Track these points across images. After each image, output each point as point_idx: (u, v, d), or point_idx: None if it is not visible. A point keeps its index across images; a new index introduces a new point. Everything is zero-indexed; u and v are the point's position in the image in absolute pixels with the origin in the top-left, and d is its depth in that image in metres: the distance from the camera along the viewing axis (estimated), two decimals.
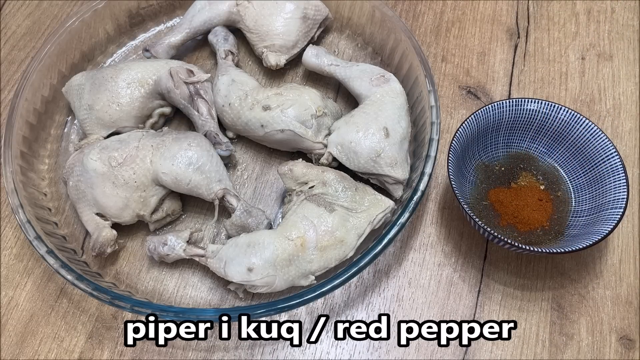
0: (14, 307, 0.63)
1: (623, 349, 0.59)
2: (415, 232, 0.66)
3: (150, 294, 0.63)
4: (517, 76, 0.76)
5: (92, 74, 0.70)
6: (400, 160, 0.63)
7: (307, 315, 0.62)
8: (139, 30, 0.81)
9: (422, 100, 0.67)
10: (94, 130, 0.69)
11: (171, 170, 0.62)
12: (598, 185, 0.62)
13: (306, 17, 0.74)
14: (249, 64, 0.78)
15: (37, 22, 0.83)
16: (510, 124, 0.66)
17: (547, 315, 0.61)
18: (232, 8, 0.75)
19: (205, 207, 0.68)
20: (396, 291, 0.63)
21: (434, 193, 0.69)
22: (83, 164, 0.63)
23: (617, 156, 0.60)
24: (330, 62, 0.71)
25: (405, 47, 0.70)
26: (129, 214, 0.63)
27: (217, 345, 0.60)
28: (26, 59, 0.80)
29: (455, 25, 0.80)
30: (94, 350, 0.60)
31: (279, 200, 0.68)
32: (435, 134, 0.63)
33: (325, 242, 0.58)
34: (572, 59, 0.77)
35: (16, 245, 0.67)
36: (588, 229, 0.59)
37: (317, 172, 0.62)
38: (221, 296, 0.62)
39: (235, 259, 0.58)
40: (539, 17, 0.81)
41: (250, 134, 0.68)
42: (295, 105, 0.65)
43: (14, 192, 0.62)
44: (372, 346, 0.60)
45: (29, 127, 0.69)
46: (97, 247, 0.62)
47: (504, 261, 0.64)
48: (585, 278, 0.63)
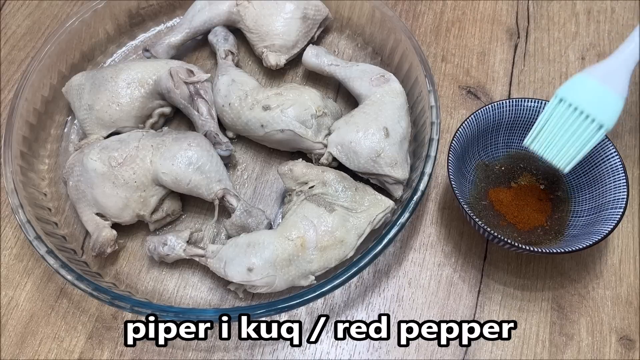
0: (14, 307, 0.63)
1: (623, 349, 0.59)
2: (415, 232, 0.66)
3: (150, 294, 0.63)
4: (517, 76, 0.76)
5: (92, 74, 0.70)
6: (400, 160, 0.63)
7: (307, 315, 0.62)
8: (139, 30, 0.81)
9: (422, 100, 0.67)
10: (94, 130, 0.69)
11: (171, 170, 0.62)
12: (598, 185, 0.62)
13: (306, 17, 0.74)
14: (249, 64, 0.78)
15: (37, 22, 0.83)
16: (510, 123, 0.66)
17: (547, 315, 0.61)
18: (232, 8, 0.75)
19: (205, 207, 0.68)
20: (396, 291, 0.63)
21: (434, 193, 0.69)
22: (83, 164, 0.63)
23: (617, 156, 0.60)
24: (330, 62, 0.71)
25: (405, 47, 0.70)
26: (129, 214, 0.63)
27: (217, 345, 0.60)
28: (26, 59, 0.80)
29: (455, 25, 0.80)
30: (94, 350, 0.60)
31: (279, 200, 0.68)
32: (435, 134, 0.63)
33: (325, 242, 0.58)
34: (572, 59, 0.77)
35: (16, 245, 0.67)
36: (588, 229, 0.59)
37: (317, 172, 0.62)
38: (221, 296, 0.63)
39: (235, 259, 0.58)
40: (539, 17, 0.81)
41: (250, 134, 0.68)
42: (295, 105, 0.65)
43: (14, 192, 0.62)
44: (372, 346, 0.60)
45: (29, 127, 0.69)
46: (97, 247, 0.62)
47: (504, 261, 0.64)
48: (585, 278, 0.63)
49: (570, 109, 0.55)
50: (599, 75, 0.55)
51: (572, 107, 0.55)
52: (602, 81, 0.54)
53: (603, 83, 0.54)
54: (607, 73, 0.55)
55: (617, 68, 0.55)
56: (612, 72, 0.55)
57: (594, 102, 0.54)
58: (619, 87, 0.54)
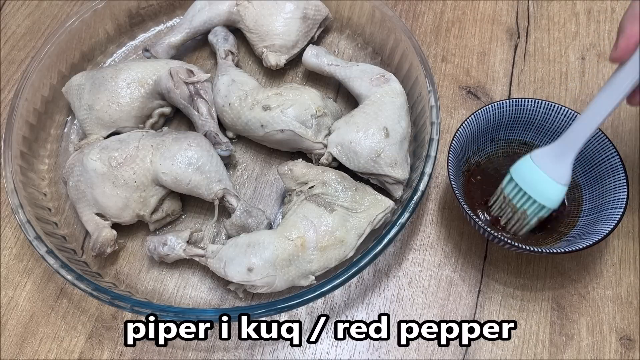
0: (14, 307, 0.63)
1: (623, 349, 0.59)
2: (415, 232, 0.66)
3: (150, 294, 0.63)
4: (517, 76, 0.76)
5: (92, 74, 0.70)
6: (400, 160, 0.63)
7: (307, 315, 0.62)
8: (139, 30, 0.81)
9: (422, 100, 0.67)
10: (94, 130, 0.69)
11: (171, 170, 0.62)
12: (598, 185, 0.62)
13: (306, 17, 0.74)
14: (249, 64, 0.78)
15: (37, 22, 0.83)
16: (510, 123, 0.66)
17: (547, 315, 0.61)
18: (232, 8, 0.75)
19: (205, 207, 0.68)
20: (396, 291, 0.63)
21: (434, 193, 0.69)
22: (83, 164, 0.63)
23: (617, 156, 0.60)
24: (330, 62, 0.71)
25: (405, 47, 0.70)
26: (129, 214, 0.63)
27: (217, 345, 0.60)
28: (26, 59, 0.80)
29: (455, 25, 0.80)
30: (94, 350, 0.60)
31: (279, 200, 0.68)
32: (435, 134, 0.63)
33: (325, 242, 0.58)
34: (572, 59, 0.77)
35: (16, 245, 0.67)
36: (588, 229, 0.59)
37: (317, 172, 0.62)
38: (221, 296, 0.63)
39: (235, 259, 0.58)
40: (539, 17, 0.81)
41: (250, 134, 0.68)
42: (295, 105, 0.65)
43: (14, 192, 0.62)
44: (372, 346, 0.60)
45: (28, 127, 0.69)
46: (97, 247, 0.62)
47: (504, 261, 0.64)
48: (585, 278, 0.63)
49: (518, 187, 0.59)
50: (544, 160, 0.58)
51: (519, 186, 0.59)
52: (546, 167, 0.57)
53: (546, 169, 0.57)
54: (552, 158, 0.57)
55: (561, 154, 0.57)
56: (556, 157, 0.57)
57: (536, 187, 0.58)
58: (561, 176, 0.57)
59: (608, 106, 0.52)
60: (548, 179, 0.57)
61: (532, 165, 0.58)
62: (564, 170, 0.57)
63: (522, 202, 0.59)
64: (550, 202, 0.57)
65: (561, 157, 0.57)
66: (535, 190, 0.58)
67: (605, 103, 0.53)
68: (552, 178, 0.57)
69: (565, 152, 0.56)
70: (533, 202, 0.58)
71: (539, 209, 0.58)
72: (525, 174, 0.58)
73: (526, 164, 0.59)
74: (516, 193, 0.59)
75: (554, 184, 0.57)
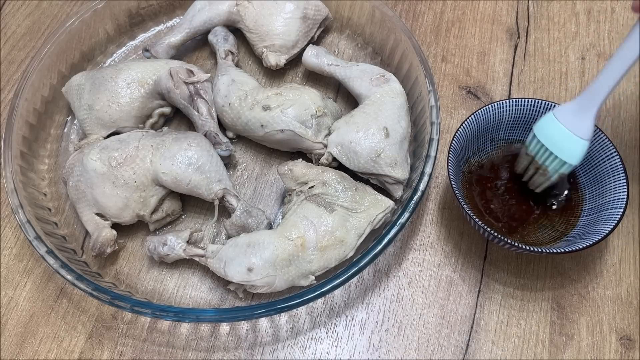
0: (14, 307, 0.63)
1: (623, 349, 0.59)
2: (415, 232, 0.66)
3: (150, 294, 0.63)
4: (517, 76, 0.76)
5: (92, 74, 0.70)
6: (400, 160, 0.63)
7: (307, 315, 0.62)
8: (139, 30, 0.81)
9: (422, 100, 0.67)
10: (94, 130, 0.69)
11: (171, 170, 0.62)
12: (598, 185, 0.62)
13: (306, 17, 0.74)
14: (249, 64, 0.78)
15: (37, 22, 0.83)
16: (510, 123, 0.66)
17: (547, 315, 0.61)
18: (232, 8, 0.75)
19: (205, 207, 0.68)
20: (396, 291, 0.63)
21: (434, 193, 0.69)
22: (83, 164, 0.63)
23: (617, 156, 0.60)
24: (330, 62, 0.71)
25: (405, 47, 0.70)
26: (128, 214, 0.63)
27: (217, 345, 0.60)
28: (26, 59, 0.80)
29: (455, 25, 0.80)
30: (94, 350, 0.60)
31: (279, 200, 0.68)
32: (435, 134, 0.63)
33: (325, 242, 0.58)
34: (572, 59, 0.77)
35: (16, 245, 0.67)
36: (588, 229, 0.59)
37: (317, 172, 0.62)
38: (221, 296, 0.63)
39: (235, 259, 0.58)
40: (539, 17, 0.81)
41: (250, 134, 0.68)
42: (295, 105, 0.65)
43: (14, 192, 0.62)
44: (372, 346, 0.60)
45: (28, 127, 0.69)
46: (97, 247, 0.62)
47: (504, 261, 0.64)
48: (585, 278, 0.63)
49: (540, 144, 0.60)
50: (566, 116, 0.58)
51: (541, 143, 0.60)
52: (568, 123, 0.58)
53: (569, 125, 0.58)
54: (574, 113, 0.58)
55: (583, 109, 0.57)
56: (578, 113, 0.57)
57: (558, 144, 0.58)
58: (584, 131, 0.57)
59: (629, 58, 0.53)
60: (570, 134, 0.57)
61: (554, 122, 0.58)
62: (587, 125, 0.57)
63: (544, 158, 0.59)
64: (572, 158, 0.58)
65: (584, 112, 0.57)
66: (557, 147, 0.58)
67: (627, 55, 0.53)
68: (575, 133, 0.57)
69: (588, 106, 0.57)
70: (554, 158, 0.58)
71: (560, 164, 0.58)
72: (548, 131, 0.59)
73: (549, 121, 0.59)
74: (538, 150, 0.60)
75: (576, 139, 0.57)
